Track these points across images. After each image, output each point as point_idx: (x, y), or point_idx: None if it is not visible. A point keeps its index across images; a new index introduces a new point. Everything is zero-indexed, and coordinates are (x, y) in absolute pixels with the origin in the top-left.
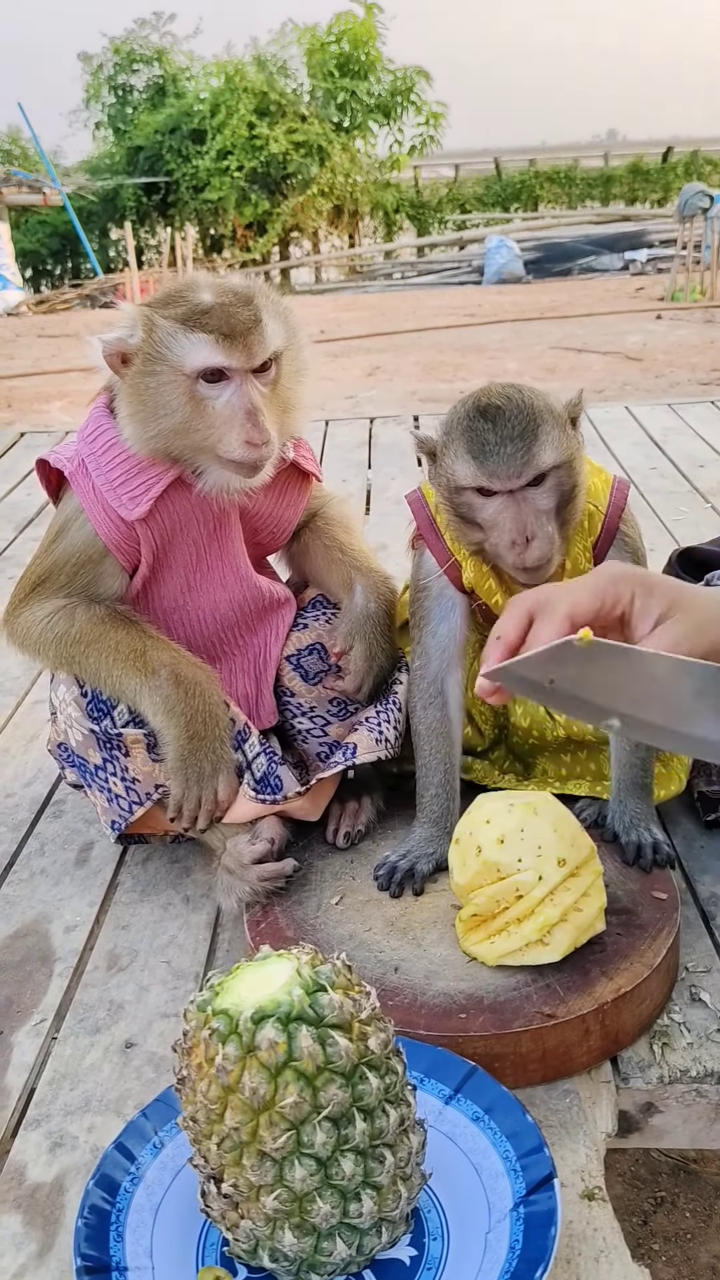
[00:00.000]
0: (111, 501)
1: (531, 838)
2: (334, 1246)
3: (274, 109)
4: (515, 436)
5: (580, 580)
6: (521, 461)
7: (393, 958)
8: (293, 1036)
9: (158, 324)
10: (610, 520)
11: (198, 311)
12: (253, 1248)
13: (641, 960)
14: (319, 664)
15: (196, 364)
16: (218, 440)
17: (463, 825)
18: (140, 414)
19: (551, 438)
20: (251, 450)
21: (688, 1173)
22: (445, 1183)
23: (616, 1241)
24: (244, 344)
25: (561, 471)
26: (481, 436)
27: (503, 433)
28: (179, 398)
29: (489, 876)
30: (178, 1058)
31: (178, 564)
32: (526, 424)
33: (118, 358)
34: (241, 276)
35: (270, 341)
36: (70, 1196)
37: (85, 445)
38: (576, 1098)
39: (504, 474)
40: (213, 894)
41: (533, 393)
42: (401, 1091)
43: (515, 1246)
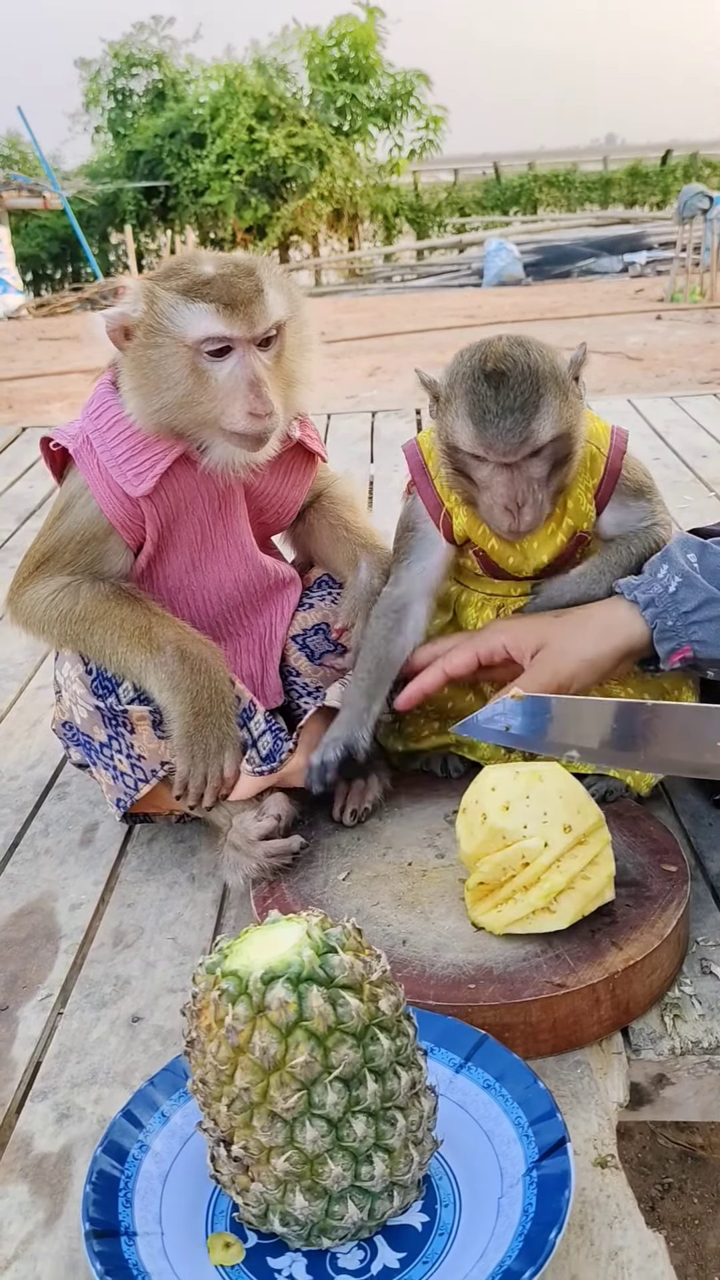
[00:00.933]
0: (116, 478)
1: (537, 804)
2: (345, 1210)
3: (274, 113)
4: (516, 408)
5: (466, 642)
6: (519, 437)
7: (400, 931)
8: (303, 996)
9: (159, 295)
10: (613, 462)
11: (199, 282)
12: (263, 1212)
13: (652, 930)
14: (325, 644)
15: (198, 334)
16: (220, 412)
17: (469, 794)
18: (143, 387)
19: (552, 409)
20: (255, 422)
21: (695, 1159)
22: (456, 1150)
23: (630, 1208)
24: (245, 313)
25: (560, 441)
26: (483, 403)
27: (504, 403)
28: (181, 370)
29: (495, 844)
30: (186, 1020)
31: (182, 543)
32: (529, 394)
33: (120, 332)
34: (244, 253)
35: (273, 311)
36: (78, 1166)
37: (89, 422)
38: (588, 1068)
39: (501, 447)
40: (219, 872)
41: (539, 353)
42: (413, 1055)
43: (529, 1210)
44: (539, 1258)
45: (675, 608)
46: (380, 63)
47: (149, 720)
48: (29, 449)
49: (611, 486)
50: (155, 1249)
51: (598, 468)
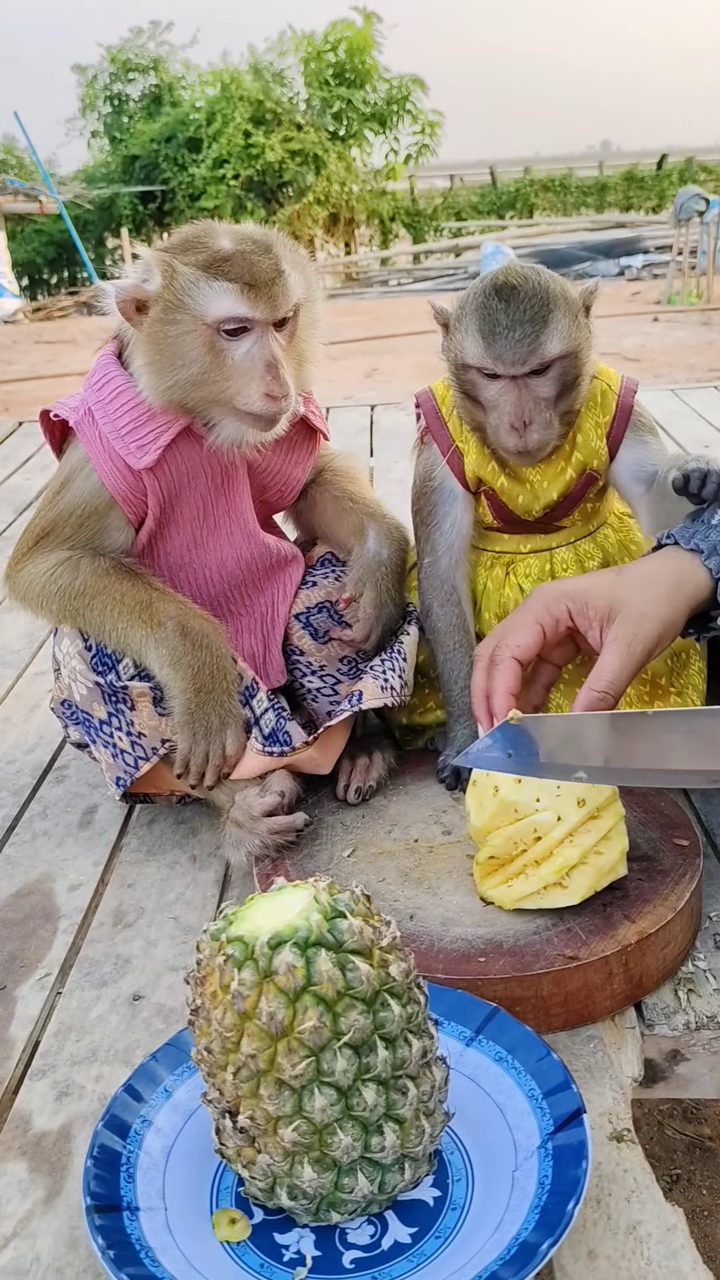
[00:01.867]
0: (119, 450)
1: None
2: (355, 1182)
3: (270, 117)
4: (526, 320)
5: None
6: (528, 349)
7: (408, 906)
8: (311, 961)
9: (178, 270)
10: (624, 399)
11: (219, 259)
12: (270, 1186)
13: (665, 904)
14: (328, 622)
15: (219, 314)
16: (236, 392)
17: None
18: (157, 363)
19: (561, 326)
20: (270, 403)
21: (704, 1150)
22: (468, 1124)
23: (648, 1182)
24: (267, 295)
25: (567, 361)
26: (493, 316)
27: (514, 315)
28: (198, 348)
29: (506, 817)
30: (191, 988)
31: (184, 518)
32: (539, 309)
33: (132, 304)
34: (254, 225)
35: (293, 293)
36: (78, 1144)
37: (92, 393)
38: (601, 1043)
39: (509, 359)
40: (220, 851)
41: (551, 277)
42: (424, 1023)
43: (545, 1182)
44: (556, 1229)
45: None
46: (376, 68)
47: (149, 697)
48: (26, 442)
49: (625, 423)
50: (159, 1224)
51: (609, 404)
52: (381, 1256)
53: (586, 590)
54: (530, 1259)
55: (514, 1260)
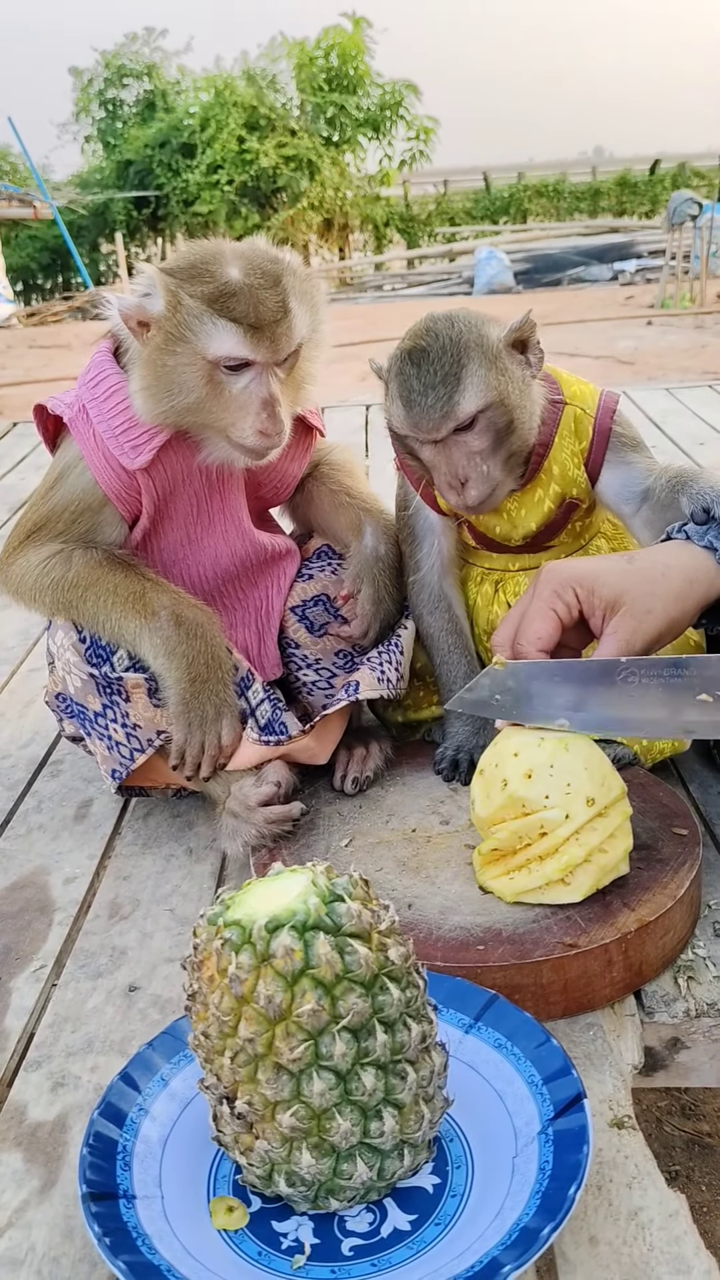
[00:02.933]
0: (113, 449)
1: (561, 774)
2: (354, 1169)
3: (264, 123)
4: (437, 383)
5: (533, 606)
6: (441, 413)
7: (406, 895)
8: (309, 944)
9: (183, 301)
10: (601, 422)
11: (225, 293)
12: (268, 1173)
13: (664, 892)
14: (324, 615)
15: (220, 353)
16: (230, 424)
17: (488, 756)
18: (154, 388)
19: (477, 380)
20: (263, 440)
21: (703, 1146)
22: (467, 1112)
23: (649, 1168)
24: (270, 337)
25: (492, 411)
26: (408, 383)
27: (426, 380)
28: (196, 379)
29: (513, 811)
30: (187, 973)
31: (178, 516)
32: (450, 368)
33: (134, 321)
34: (265, 243)
35: (296, 334)
36: (73, 1134)
37: (86, 390)
38: (600, 1030)
39: (426, 426)
40: (216, 843)
41: (465, 324)
42: (423, 1008)
43: (545, 1167)
44: (558, 1214)
45: None
46: (369, 73)
47: (144, 688)
48: (20, 442)
49: (603, 447)
50: (155, 1212)
51: (584, 430)
52: (381, 1244)
53: (595, 576)
54: (531, 1244)
55: (515, 1245)
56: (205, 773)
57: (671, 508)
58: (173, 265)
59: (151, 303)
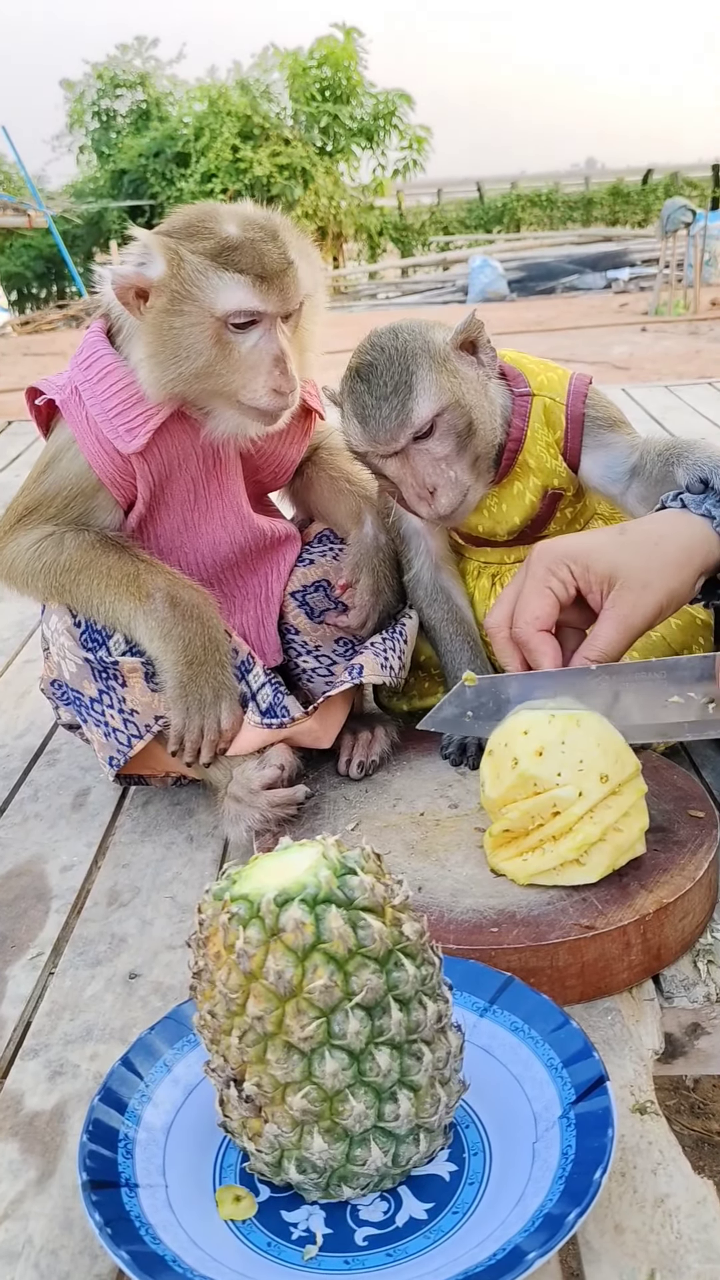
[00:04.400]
0: (107, 432)
1: (573, 751)
2: (367, 1154)
3: (258, 132)
4: (389, 394)
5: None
6: (396, 423)
7: (415, 878)
8: (320, 918)
9: (186, 259)
10: (573, 409)
11: (228, 247)
12: (277, 1159)
13: (682, 874)
14: (325, 601)
15: (229, 306)
16: (241, 386)
17: (497, 736)
18: (159, 355)
19: (427, 385)
20: (277, 399)
21: (712, 1145)
22: (484, 1098)
23: (675, 1154)
24: (279, 287)
25: (449, 414)
26: (360, 399)
27: (376, 393)
28: (204, 340)
29: (524, 791)
30: (193, 950)
31: (175, 501)
32: (399, 377)
33: (132, 291)
34: (254, 205)
35: (303, 284)
36: (72, 1124)
37: (79, 372)
38: (619, 1015)
39: (383, 439)
40: (218, 829)
41: (409, 333)
42: (439, 986)
43: (568, 1152)
44: (583, 1199)
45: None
46: (362, 83)
47: (141, 672)
48: (15, 440)
49: (579, 434)
50: (159, 1201)
51: (556, 420)
52: (396, 1233)
53: (588, 552)
54: (556, 1231)
55: (539, 1232)
56: (205, 758)
57: (665, 481)
58: (168, 228)
59: (150, 269)
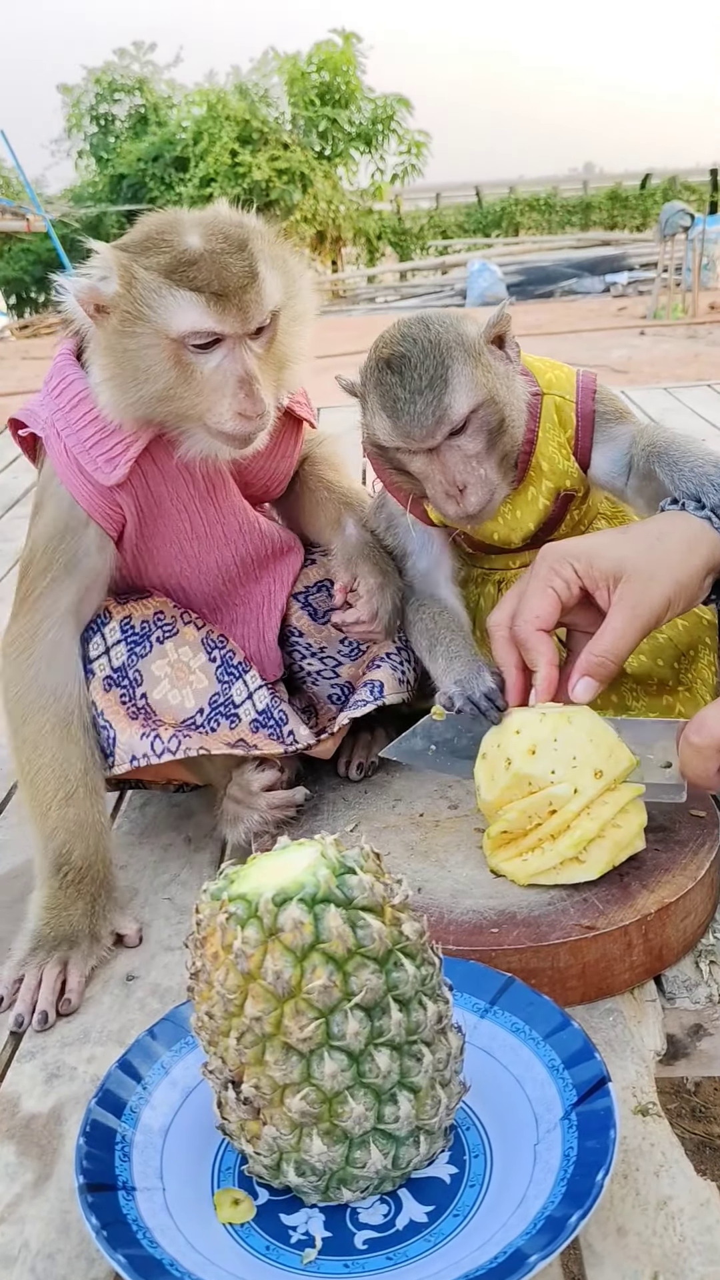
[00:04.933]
0: (85, 464)
1: (565, 748)
2: (367, 1156)
3: (256, 137)
4: (425, 388)
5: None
6: (434, 419)
7: (415, 879)
8: (319, 918)
9: (137, 276)
10: (583, 406)
11: (183, 262)
12: (276, 1162)
13: (684, 873)
14: (328, 601)
15: (183, 328)
16: (206, 410)
17: (489, 738)
18: (118, 378)
19: (464, 379)
20: (243, 423)
21: (713, 1149)
22: (484, 1100)
23: (677, 1155)
24: (238, 305)
25: (484, 410)
26: (391, 392)
27: (411, 386)
28: (162, 362)
29: (519, 790)
30: (190, 951)
31: (168, 529)
32: (435, 371)
33: (92, 305)
34: (229, 209)
35: (268, 300)
36: (69, 1127)
37: (50, 399)
38: (620, 1016)
39: (418, 434)
40: (217, 831)
41: (441, 325)
42: (439, 987)
43: (570, 1154)
44: (586, 1200)
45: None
46: (360, 88)
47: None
48: (13, 443)
49: (590, 432)
50: (157, 1205)
51: (567, 419)
52: (396, 1236)
53: (591, 550)
54: (559, 1233)
55: (540, 1235)
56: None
57: (652, 476)
58: (127, 240)
59: (107, 284)
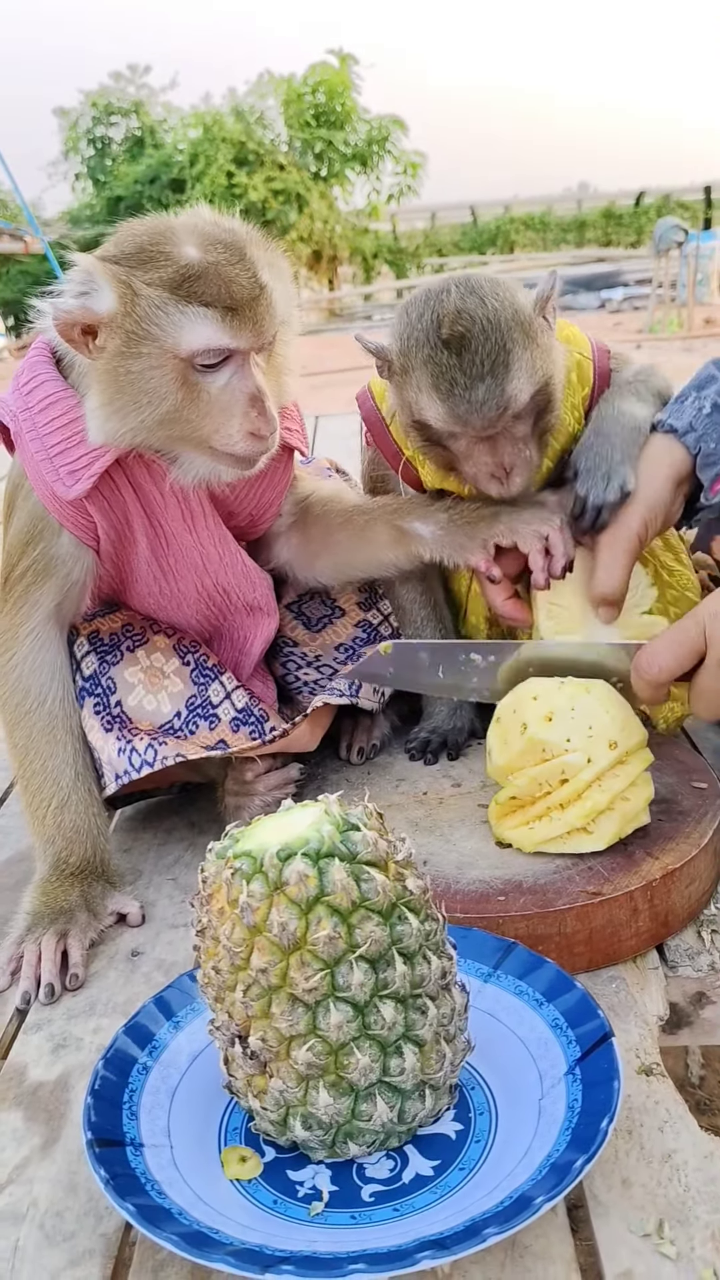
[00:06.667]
0: (47, 474)
1: (582, 717)
2: (373, 1109)
3: (252, 158)
4: (487, 374)
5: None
6: (496, 408)
7: (420, 853)
8: (324, 871)
9: (140, 292)
10: (600, 364)
11: (188, 275)
12: (282, 1117)
13: (688, 841)
14: (322, 608)
15: (195, 346)
16: (213, 431)
17: (505, 703)
18: (118, 402)
19: (525, 365)
20: (255, 443)
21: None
22: (489, 1060)
23: (681, 1112)
24: (251, 319)
25: (540, 394)
26: (448, 375)
27: (472, 371)
28: (169, 384)
29: (533, 757)
30: (196, 908)
31: (141, 548)
32: (498, 355)
33: (78, 329)
34: (211, 212)
35: (278, 312)
36: (76, 1093)
37: (20, 398)
38: (624, 983)
39: (479, 421)
40: (221, 821)
41: (496, 299)
42: (443, 943)
43: (574, 1105)
44: (590, 1147)
45: (716, 430)
46: (356, 109)
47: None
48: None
49: (604, 387)
50: (164, 1160)
51: (586, 376)
52: (402, 1189)
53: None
54: (564, 1177)
55: (545, 1180)
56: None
57: None
58: (115, 252)
59: (96, 301)
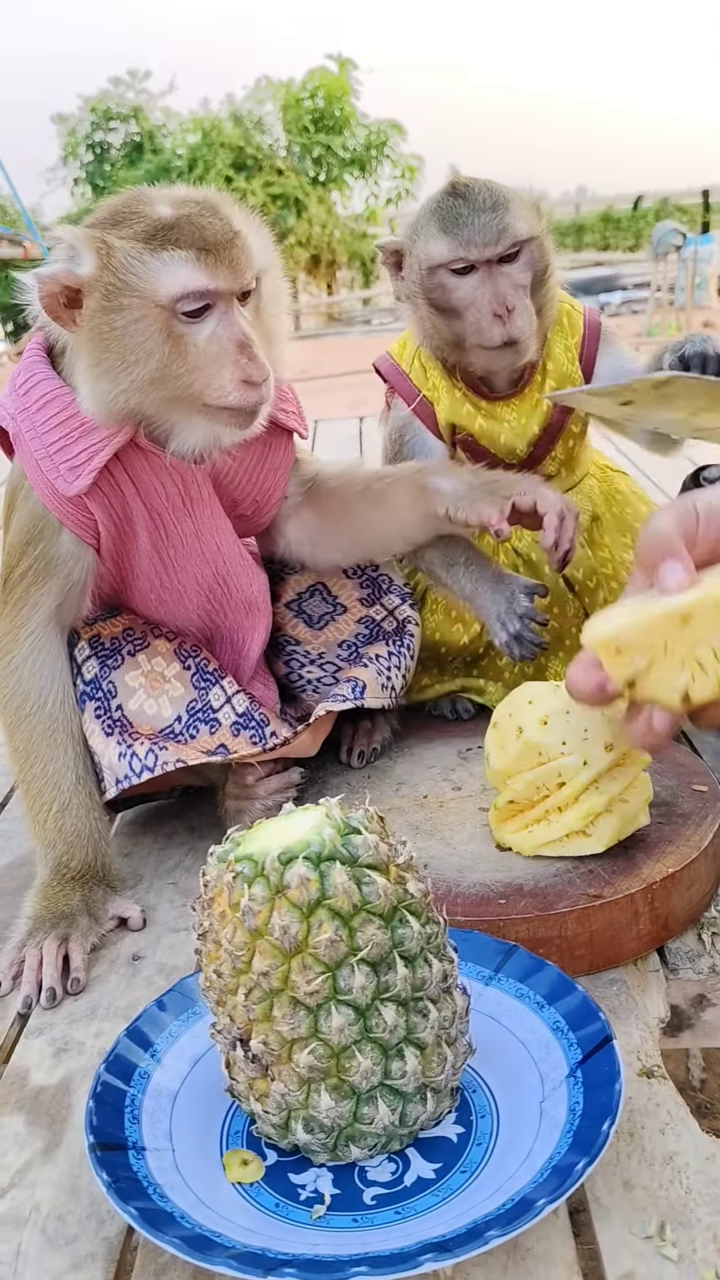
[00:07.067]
0: (47, 471)
1: (577, 720)
2: (375, 1112)
3: (251, 163)
4: (488, 208)
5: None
6: (497, 229)
7: (421, 856)
8: (325, 875)
9: (115, 247)
10: (590, 316)
11: (162, 226)
12: (284, 1120)
13: (688, 844)
14: (323, 605)
15: (173, 289)
16: (205, 384)
17: (502, 707)
18: (104, 363)
19: (522, 211)
20: (249, 391)
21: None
22: (491, 1064)
23: (683, 1114)
24: (227, 259)
25: (534, 247)
26: (454, 211)
27: (475, 205)
28: (154, 336)
29: (530, 760)
30: (198, 912)
31: (143, 542)
32: (497, 197)
33: (61, 298)
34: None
35: (255, 256)
36: (78, 1098)
37: (17, 399)
38: (625, 986)
39: (480, 241)
40: (222, 825)
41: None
42: (444, 946)
43: (576, 1108)
44: (592, 1149)
45: None
46: (354, 114)
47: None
48: None
49: (595, 340)
50: (166, 1163)
51: (575, 324)
52: (404, 1192)
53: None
54: (566, 1179)
55: (547, 1183)
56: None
57: None
58: (92, 220)
59: (77, 264)
